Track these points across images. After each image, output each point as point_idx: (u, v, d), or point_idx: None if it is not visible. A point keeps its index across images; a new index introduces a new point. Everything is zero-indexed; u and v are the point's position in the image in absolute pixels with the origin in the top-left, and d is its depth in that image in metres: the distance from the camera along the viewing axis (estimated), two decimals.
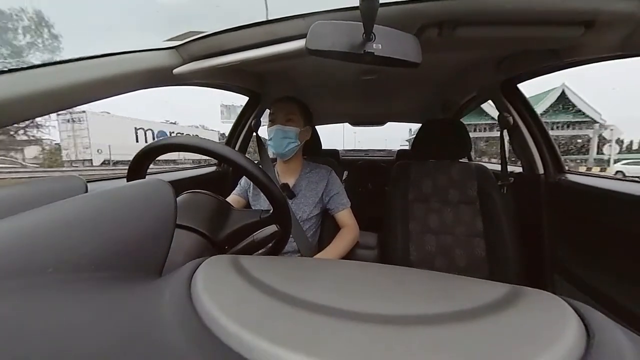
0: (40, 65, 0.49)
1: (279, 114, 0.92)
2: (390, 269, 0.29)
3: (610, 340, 0.16)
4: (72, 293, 0.17)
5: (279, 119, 0.91)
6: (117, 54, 0.59)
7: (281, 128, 0.90)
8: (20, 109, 0.46)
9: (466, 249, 1.04)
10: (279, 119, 0.91)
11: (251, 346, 0.14)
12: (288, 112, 0.92)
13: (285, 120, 0.91)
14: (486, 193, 1.06)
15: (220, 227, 0.45)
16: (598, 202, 0.81)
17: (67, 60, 0.52)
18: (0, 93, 0.43)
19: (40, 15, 28.85)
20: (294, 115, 0.92)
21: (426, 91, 1.46)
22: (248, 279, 0.22)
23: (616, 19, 0.57)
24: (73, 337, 0.13)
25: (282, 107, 0.93)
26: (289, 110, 0.93)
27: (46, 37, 28.70)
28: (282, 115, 0.91)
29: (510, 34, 0.63)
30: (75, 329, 0.14)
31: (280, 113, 0.92)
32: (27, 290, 0.15)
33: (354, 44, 0.48)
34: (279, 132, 0.90)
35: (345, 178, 2.14)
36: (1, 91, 0.43)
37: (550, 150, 1.04)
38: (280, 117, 0.91)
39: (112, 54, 0.58)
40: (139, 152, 0.46)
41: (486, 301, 0.20)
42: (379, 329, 0.16)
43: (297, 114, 0.93)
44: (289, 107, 0.93)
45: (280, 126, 0.90)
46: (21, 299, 0.15)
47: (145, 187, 0.27)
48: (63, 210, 0.21)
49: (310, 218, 0.94)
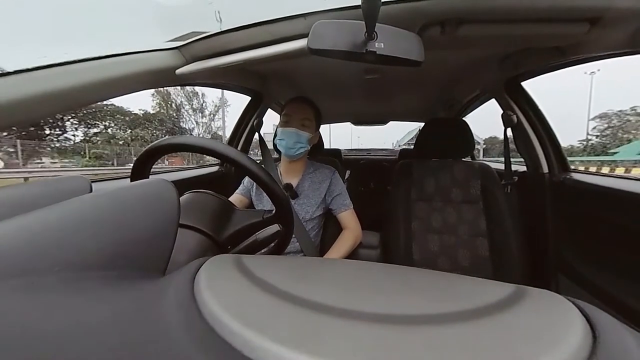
0: (44, 67, 0.49)
1: (294, 116, 0.92)
2: (393, 269, 0.29)
3: (616, 341, 0.15)
4: (77, 292, 0.17)
5: (294, 121, 0.91)
6: (120, 55, 0.59)
7: (297, 132, 0.90)
8: (25, 110, 0.46)
9: (469, 248, 1.04)
10: (295, 122, 0.91)
11: (254, 345, 0.14)
12: (304, 116, 0.92)
13: (301, 124, 0.91)
14: (490, 192, 1.05)
15: (223, 227, 0.45)
16: (603, 201, 0.80)
17: (70, 61, 0.52)
18: (5, 94, 0.44)
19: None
20: (310, 120, 0.93)
21: (429, 90, 1.45)
22: (251, 279, 0.22)
23: (622, 15, 0.56)
24: (78, 335, 0.14)
25: (298, 110, 0.93)
26: (305, 114, 0.93)
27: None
28: (298, 119, 0.92)
29: (514, 31, 0.62)
30: (79, 327, 0.14)
31: (296, 115, 0.92)
32: (33, 289, 0.16)
33: (356, 43, 0.48)
34: (294, 135, 0.90)
35: (348, 177, 2.14)
36: (6, 92, 0.44)
37: (555, 149, 1.03)
38: (295, 120, 0.91)
39: (115, 54, 0.59)
40: (142, 152, 0.46)
41: (490, 301, 0.20)
42: (382, 328, 0.16)
43: (312, 119, 0.94)
44: (305, 111, 0.94)
45: (296, 130, 0.90)
46: (27, 298, 0.15)
47: (149, 187, 0.27)
48: (68, 210, 0.22)
49: (313, 218, 0.94)
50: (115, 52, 0.59)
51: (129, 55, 0.61)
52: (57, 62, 0.51)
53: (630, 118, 40.35)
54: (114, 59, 0.58)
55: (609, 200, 0.78)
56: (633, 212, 0.70)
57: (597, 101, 33.95)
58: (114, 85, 0.58)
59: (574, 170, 1.00)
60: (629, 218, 0.71)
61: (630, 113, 40.11)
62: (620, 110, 40.32)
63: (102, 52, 0.56)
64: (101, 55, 0.56)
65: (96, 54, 0.55)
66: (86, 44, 69.83)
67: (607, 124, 39.93)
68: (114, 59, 0.58)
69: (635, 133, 39.45)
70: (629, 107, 41.35)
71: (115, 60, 0.58)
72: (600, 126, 39.35)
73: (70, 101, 0.52)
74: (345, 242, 0.89)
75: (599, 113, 39.09)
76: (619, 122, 39.79)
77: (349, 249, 0.89)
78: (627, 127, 39.62)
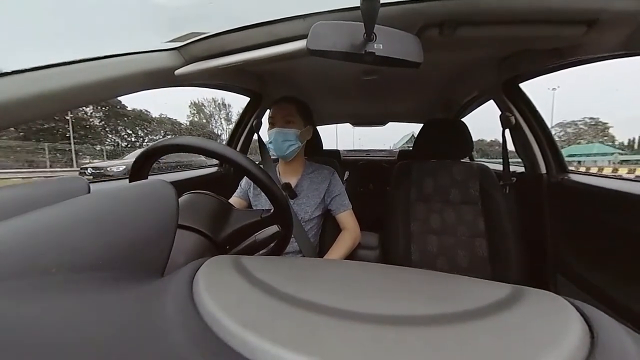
0: (42, 67, 0.49)
1: (277, 116, 0.91)
2: (392, 270, 0.29)
3: (614, 341, 0.16)
4: (75, 293, 0.17)
5: (278, 121, 0.91)
6: (118, 55, 0.59)
7: (280, 130, 0.89)
8: (23, 111, 0.46)
9: (468, 249, 1.04)
10: (278, 122, 0.90)
11: (253, 346, 0.14)
12: (287, 113, 0.91)
13: (285, 122, 0.90)
14: (488, 193, 1.05)
15: (222, 227, 0.45)
16: (601, 201, 0.80)
17: (69, 61, 0.52)
18: (4, 94, 0.44)
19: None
20: (293, 116, 0.92)
21: (427, 91, 1.45)
22: (249, 279, 0.22)
23: (619, 17, 0.56)
24: (76, 336, 0.14)
25: (280, 109, 0.92)
26: (287, 111, 0.92)
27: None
28: (281, 118, 0.91)
29: (512, 33, 0.63)
30: (78, 328, 0.14)
31: (279, 115, 0.91)
32: (30, 290, 0.16)
33: (355, 44, 0.48)
34: (279, 134, 0.89)
35: (347, 178, 2.14)
36: (4, 92, 0.44)
37: (553, 149, 1.03)
38: (279, 119, 0.91)
39: (114, 55, 0.58)
40: (141, 153, 0.46)
41: (489, 302, 0.20)
42: (381, 329, 0.16)
43: (296, 114, 0.92)
44: (288, 108, 0.92)
45: (279, 129, 0.89)
46: (24, 299, 0.15)
47: (148, 188, 0.27)
48: (66, 210, 0.22)
49: (312, 219, 0.94)
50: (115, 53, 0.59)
51: (128, 55, 0.61)
52: (55, 62, 0.50)
53: (581, 126, 56.93)
54: (113, 60, 0.58)
55: (607, 201, 0.78)
56: (631, 212, 0.71)
57: (558, 112, 46.56)
58: (112, 86, 0.58)
59: (572, 171, 1.01)
60: (627, 218, 0.72)
61: (580, 122, 57.29)
62: (572, 120, 58.45)
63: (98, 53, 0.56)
64: (100, 55, 0.56)
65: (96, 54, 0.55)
66: (78, 48, 70.42)
67: (563, 131, 56.56)
68: (112, 60, 0.58)
69: (587, 138, 54.37)
70: (581, 117, 60.74)
71: (114, 60, 0.58)
72: (558, 133, 54.25)
73: (69, 102, 0.52)
74: (344, 242, 0.89)
75: (556, 122, 55.14)
76: (573, 130, 56.53)
77: (348, 249, 0.89)
78: (578, 133, 55.74)
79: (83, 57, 0.54)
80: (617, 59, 0.72)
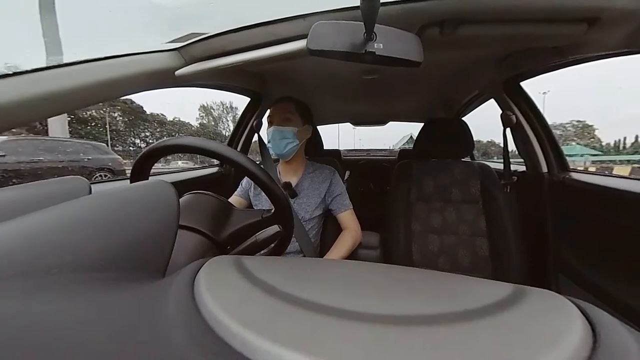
0: (43, 69, 0.49)
1: (275, 115, 0.92)
2: (393, 269, 0.29)
3: (616, 340, 0.15)
4: (77, 294, 0.17)
5: (276, 120, 0.91)
6: (119, 56, 0.59)
7: (278, 129, 0.90)
8: (24, 112, 0.46)
9: (469, 248, 1.04)
10: (276, 120, 0.91)
11: (254, 346, 0.14)
12: (285, 112, 0.92)
13: (282, 120, 0.91)
14: (489, 192, 1.05)
15: (223, 228, 0.45)
16: (603, 200, 0.80)
17: (69, 63, 0.52)
18: (5, 95, 0.44)
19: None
20: (291, 114, 0.92)
21: (428, 90, 1.45)
22: (251, 280, 0.22)
23: (620, 15, 0.56)
24: (77, 337, 0.14)
25: (278, 108, 0.93)
26: (285, 110, 0.92)
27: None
28: (279, 116, 0.91)
29: (513, 31, 0.63)
30: (79, 329, 0.14)
31: (277, 114, 0.92)
32: (31, 291, 0.16)
33: (355, 43, 0.48)
34: (277, 133, 0.90)
35: (347, 178, 2.14)
36: (6, 94, 0.44)
37: (554, 148, 1.03)
38: (277, 118, 0.91)
39: (114, 56, 0.58)
40: (141, 153, 0.46)
41: (490, 301, 0.20)
42: (383, 329, 0.16)
43: (294, 113, 0.93)
44: (286, 107, 0.93)
45: (277, 127, 0.90)
46: (26, 299, 0.15)
47: (149, 189, 0.27)
48: (67, 211, 0.22)
49: (312, 218, 0.94)
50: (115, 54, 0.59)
51: (128, 56, 0.61)
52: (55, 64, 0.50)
53: (570, 128, 62.15)
54: (113, 60, 0.58)
55: (608, 200, 0.78)
56: (632, 211, 0.70)
57: (548, 116, 51.82)
58: (112, 86, 0.58)
59: (573, 170, 1.00)
60: (629, 217, 0.71)
61: (568, 125, 62.80)
62: (560, 123, 63.53)
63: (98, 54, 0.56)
64: (100, 56, 0.56)
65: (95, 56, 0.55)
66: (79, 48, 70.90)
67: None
68: (112, 60, 0.58)
69: (576, 140, 59.75)
70: (569, 120, 64.89)
71: (114, 61, 0.58)
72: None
73: (68, 103, 0.52)
74: (345, 242, 0.89)
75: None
76: (561, 131, 61.12)
77: (348, 249, 0.89)
78: (566, 135, 61.08)
79: (83, 58, 0.54)
80: (608, 59, 0.72)
